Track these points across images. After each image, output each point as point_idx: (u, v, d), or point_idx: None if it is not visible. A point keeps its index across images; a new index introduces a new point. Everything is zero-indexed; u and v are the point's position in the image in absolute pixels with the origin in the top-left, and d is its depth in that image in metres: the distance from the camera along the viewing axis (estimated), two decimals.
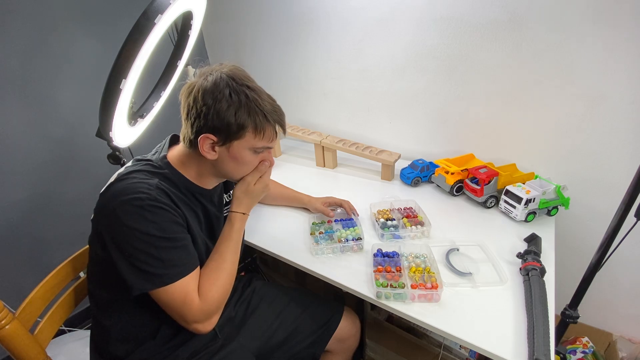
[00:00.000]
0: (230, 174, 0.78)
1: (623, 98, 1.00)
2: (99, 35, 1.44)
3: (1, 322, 0.67)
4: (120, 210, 0.64)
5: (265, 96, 0.72)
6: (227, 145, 0.71)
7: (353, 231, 1.01)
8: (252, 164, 0.77)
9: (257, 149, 0.74)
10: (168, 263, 0.66)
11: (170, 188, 0.71)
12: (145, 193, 0.65)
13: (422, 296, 0.79)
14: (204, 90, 0.68)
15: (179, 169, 0.75)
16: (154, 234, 0.64)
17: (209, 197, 0.82)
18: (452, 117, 1.32)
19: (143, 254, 0.64)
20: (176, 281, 0.66)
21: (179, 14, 0.94)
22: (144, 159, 0.76)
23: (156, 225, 0.65)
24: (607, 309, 1.27)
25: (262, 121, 0.70)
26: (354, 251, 0.96)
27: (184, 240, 0.70)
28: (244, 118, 0.68)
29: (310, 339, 0.96)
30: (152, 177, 0.70)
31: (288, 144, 1.77)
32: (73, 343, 1.28)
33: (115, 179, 0.70)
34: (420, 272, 0.84)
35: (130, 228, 0.63)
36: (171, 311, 0.68)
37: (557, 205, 1.06)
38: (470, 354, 1.10)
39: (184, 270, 0.68)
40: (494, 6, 1.07)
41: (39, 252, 1.46)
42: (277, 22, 1.57)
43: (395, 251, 0.92)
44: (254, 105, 0.68)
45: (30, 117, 1.33)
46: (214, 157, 0.72)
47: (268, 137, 0.73)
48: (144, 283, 0.65)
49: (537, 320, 0.68)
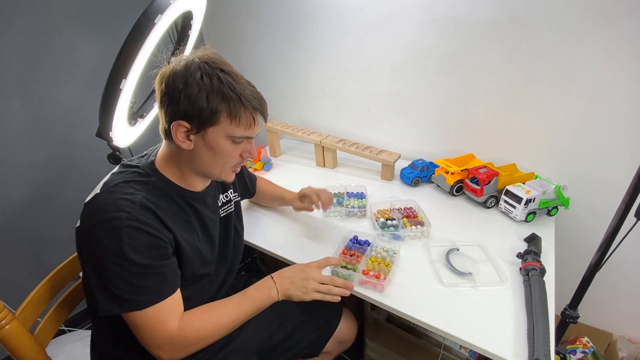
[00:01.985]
0: (208, 167, 0.72)
1: (623, 98, 1.00)
2: (99, 35, 1.44)
3: (1, 322, 0.67)
4: (100, 228, 0.61)
5: (243, 81, 0.67)
6: (202, 132, 0.66)
7: (360, 202, 1.16)
8: (231, 155, 0.71)
9: (235, 138, 0.69)
10: (139, 290, 0.63)
11: (157, 201, 0.68)
12: (126, 212, 0.62)
13: (367, 282, 0.83)
14: (175, 74, 0.64)
15: (164, 172, 0.72)
16: (128, 258, 0.61)
17: (201, 200, 0.78)
18: (452, 117, 1.32)
19: (115, 277, 0.61)
20: (145, 308, 0.63)
21: (179, 14, 0.94)
22: (131, 165, 0.73)
23: (132, 249, 0.61)
24: (607, 309, 1.27)
25: (238, 106, 0.65)
26: (358, 217, 1.11)
27: (161, 267, 0.66)
28: (217, 102, 0.64)
29: (309, 340, 0.97)
30: (137, 190, 0.67)
31: (288, 144, 1.77)
32: (73, 343, 1.28)
33: (100, 189, 0.67)
34: (378, 263, 0.88)
35: (106, 249, 0.61)
36: (137, 334, 0.66)
37: (557, 205, 1.06)
38: (470, 354, 1.10)
39: (154, 298, 0.64)
40: (494, 6, 1.07)
41: (39, 252, 1.46)
42: (277, 21, 1.57)
43: (368, 240, 0.96)
44: (227, 88, 0.64)
45: (30, 117, 1.33)
46: (189, 147, 0.68)
47: (245, 123, 0.67)
48: (112, 305, 0.63)
49: (537, 320, 0.68)
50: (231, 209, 0.91)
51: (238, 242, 0.94)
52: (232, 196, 0.92)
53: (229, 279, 0.93)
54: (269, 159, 1.53)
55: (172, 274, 0.68)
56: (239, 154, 0.72)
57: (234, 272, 0.95)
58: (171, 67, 0.66)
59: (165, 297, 0.66)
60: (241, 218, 0.96)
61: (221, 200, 0.88)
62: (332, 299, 0.77)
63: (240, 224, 0.95)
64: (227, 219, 0.89)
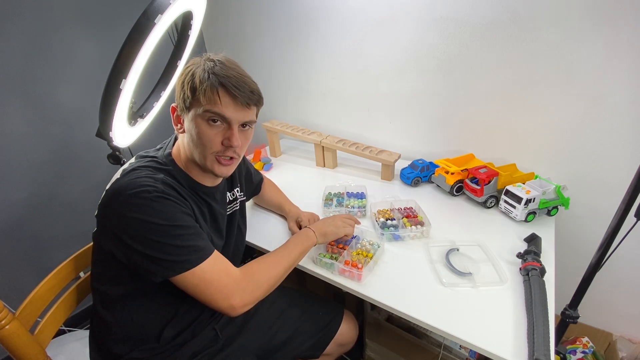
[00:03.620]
0: (192, 152, 0.73)
1: (623, 98, 1.00)
2: (99, 35, 1.44)
3: (1, 322, 0.67)
4: (129, 203, 0.63)
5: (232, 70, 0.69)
6: (186, 115, 0.71)
7: (360, 202, 1.17)
8: (209, 139, 0.70)
9: (206, 116, 0.68)
10: (187, 249, 0.65)
11: (175, 183, 0.71)
12: (152, 186, 0.65)
13: (345, 271, 0.87)
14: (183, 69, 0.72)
15: (180, 164, 0.76)
16: (165, 224, 0.63)
17: (212, 195, 0.81)
18: (452, 117, 1.32)
19: (158, 244, 0.63)
20: (200, 264, 0.65)
21: (179, 14, 0.94)
22: (148, 156, 0.75)
23: (166, 215, 0.64)
24: (607, 309, 1.27)
25: (203, 80, 0.67)
26: (358, 217, 1.11)
27: (196, 227, 0.69)
28: (188, 80, 0.68)
29: (310, 342, 0.97)
30: (157, 172, 0.70)
31: (288, 144, 1.77)
32: (73, 343, 1.28)
33: (120, 175, 0.70)
34: (363, 255, 0.90)
35: (141, 220, 0.62)
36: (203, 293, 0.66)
37: (557, 205, 1.06)
38: (470, 354, 1.10)
39: (206, 252, 0.67)
40: (494, 6, 1.07)
41: (39, 252, 1.46)
42: (277, 22, 1.57)
43: (356, 235, 0.99)
44: (203, 71, 0.67)
45: (31, 117, 1.33)
46: (181, 131, 0.74)
47: (209, 98, 0.67)
48: (165, 271, 0.64)
49: (537, 320, 0.68)
50: (236, 207, 0.92)
51: (240, 241, 0.95)
52: (238, 195, 0.93)
53: None
54: (269, 159, 1.53)
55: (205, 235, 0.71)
56: (220, 141, 0.72)
57: None
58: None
59: (211, 252, 0.68)
60: (245, 217, 0.98)
61: (228, 197, 0.90)
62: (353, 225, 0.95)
63: (243, 223, 0.96)
64: (232, 216, 0.90)
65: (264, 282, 0.72)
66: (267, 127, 1.58)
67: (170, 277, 0.64)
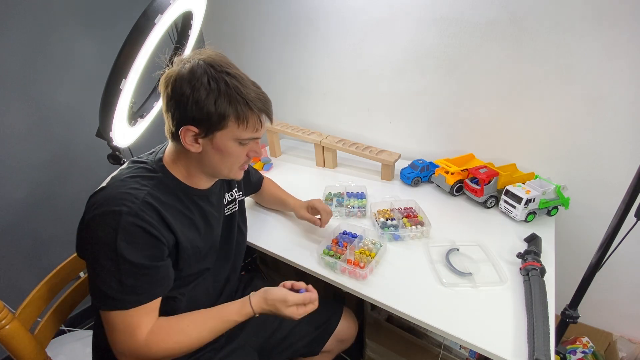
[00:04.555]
0: (216, 167, 0.73)
1: (623, 98, 1.00)
2: (99, 35, 1.44)
3: (1, 322, 0.67)
4: (98, 220, 0.62)
5: (249, 83, 0.68)
6: (209, 136, 0.67)
7: (360, 202, 1.16)
8: (238, 155, 0.72)
9: (243, 140, 0.69)
10: (127, 289, 0.62)
11: (161, 197, 0.68)
12: (127, 206, 0.62)
13: (350, 271, 0.87)
14: (181, 79, 0.64)
15: (172, 170, 0.73)
16: (121, 255, 0.61)
17: (205, 198, 0.79)
18: (452, 117, 1.32)
19: (105, 272, 0.61)
20: (129, 309, 0.63)
21: (179, 14, 0.94)
22: (139, 161, 0.73)
23: (126, 245, 0.61)
24: (607, 309, 1.27)
25: (245, 110, 0.66)
26: (358, 217, 1.12)
27: (152, 268, 0.64)
28: (225, 107, 0.64)
29: (309, 338, 0.97)
30: (143, 185, 0.67)
31: (288, 144, 1.77)
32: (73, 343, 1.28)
33: (106, 184, 0.68)
34: (366, 255, 0.90)
35: (101, 242, 0.61)
36: (109, 333, 0.65)
37: (557, 205, 1.06)
38: (470, 354, 1.10)
39: (141, 299, 0.64)
40: (494, 6, 1.07)
41: (39, 252, 1.46)
42: (277, 22, 1.57)
43: (359, 234, 0.99)
44: (234, 92, 0.64)
45: (31, 117, 1.33)
46: (198, 150, 0.69)
47: (253, 126, 0.68)
48: (98, 301, 0.63)
49: (537, 320, 0.68)
50: (235, 208, 0.91)
51: (241, 241, 0.95)
52: (236, 195, 0.92)
53: (233, 277, 0.94)
54: (269, 159, 1.53)
55: (162, 277, 0.67)
56: (246, 153, 0.73)
57: (237, 271, 0.95)
58: (176, 70, 0.65)
59: (149, 299, 0.65)
60: (245, 217, 0.97)
61: (227, 199, 0.89)
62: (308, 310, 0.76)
63: (244, 223, 0.96)
64: (231, 217, 0.90)
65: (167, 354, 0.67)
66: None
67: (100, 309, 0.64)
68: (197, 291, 0.81)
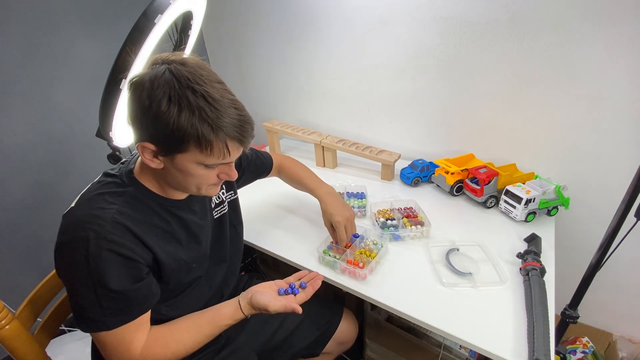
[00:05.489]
0: (182, 185, 0.65)
1: (623, 98, 1.00)
2: (99, 35, 1.44)
3: (1, 322, 0.67)
4: (67, 247, 0.59)
5: (223, 103, 0.57)
6: (170, 157, 0.60)
7: (360, 202, 1.18)
8: (206, 177, 0.64)
9: (208, 165, 0.62)
10: (108, 312, 0.60)
11: (133, 213, 0.63)
12: (94, 231, 0.58)
13: (350, 271, 0.87)
14: (142, 87, 0.56)
15: (143, 181, 0.67)
16: (97, 282, 0.58)
17: (186, 207, 0.73)
18: (452, 117, 1.32)
19: (83, 298, 0.60)
20: (112, 329, 0.61)
21: (179, 14, 0.94)
22: (110, 174, 0.69)
23: (100, 272, 0.58)
24: (607, 309, 1.27)
25: (208, 134, 0.56)
26: (358, 217, 1.12)
27: (132, 291, 0.62)
28: (184, 129, 0.55)
29: (309, 340, 0.97)
30: (111, 203, 0.62)
31: (288, 144, 1.77)
32: (73, 343, 1.28)
33: (75, 204, 0.65)
34: (366, 255, 0.90)
35: (74, 269, 0.59)
36: (102, 353, 0.65)
37: (557, 205, 1.06)
38: (470, 354, 1.10)
39: (125, 319, 0.62)
40: (494, 6, 1.07)
41: (39, 252, 1.46)
42: (277, 22, 1.57)
43: (360, 234, 0.98)
44: (198, 114, 0.55)
45: (30, 117, 1.33)
46: (159, 166, 0.62)
47: (218, 154, 0.59)
48: (81, 324, 0.61)
49: (537, 320, 0.69)
50: (225, 209, 0.88)
51: (237, 241, 0.93)
52: (225, 197, 0.88)
53: (231, 280, 0.93)
54: None
55: (143, 296, 0.64)
56: (216, 175, 0.66)
57: (235, 273, 0.94)
58: (140, 74, 0.58)
59: (132, 319, 0.63)
60: (240, 216, 0.94)
61: (214, 202, 0.85)
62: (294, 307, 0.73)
63: (238, 223, 0.93)
64: (222, 220, 0.87)
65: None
66: (267, 127, 1.58)
67: (84, 331, 0.63)
68: (191, 299, 0.79)
